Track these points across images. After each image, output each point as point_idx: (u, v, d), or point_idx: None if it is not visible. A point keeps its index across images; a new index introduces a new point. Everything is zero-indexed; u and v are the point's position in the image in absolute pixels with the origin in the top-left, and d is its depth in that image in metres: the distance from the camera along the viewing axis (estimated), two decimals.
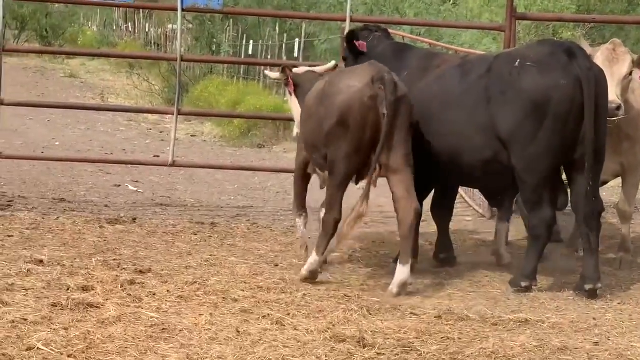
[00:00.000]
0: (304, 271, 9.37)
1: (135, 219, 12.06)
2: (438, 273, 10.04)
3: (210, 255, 10.33)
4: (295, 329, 7.80)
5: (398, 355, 7.34)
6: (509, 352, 7.47)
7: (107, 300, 8.31)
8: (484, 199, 11.34)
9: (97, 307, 8.11)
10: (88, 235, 11.03)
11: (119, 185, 14.58)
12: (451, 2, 34.62)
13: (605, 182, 10.79)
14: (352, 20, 12.05)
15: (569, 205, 9.50)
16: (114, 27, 59.70)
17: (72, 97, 29.29)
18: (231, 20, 34.75)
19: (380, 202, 12.07)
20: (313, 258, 9.37)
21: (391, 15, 29.42)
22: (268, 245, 11.09)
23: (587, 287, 9.10)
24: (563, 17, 24.43)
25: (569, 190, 9.48)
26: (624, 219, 10.64)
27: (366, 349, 7.41)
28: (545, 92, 8.97)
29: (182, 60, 13.20)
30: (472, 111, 9.32)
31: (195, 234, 11.45)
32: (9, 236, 10.70)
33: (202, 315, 8.03)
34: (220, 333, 7.59)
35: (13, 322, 7.56)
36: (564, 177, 9.55)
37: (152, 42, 48.44)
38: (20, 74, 33.28)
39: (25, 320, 7.62)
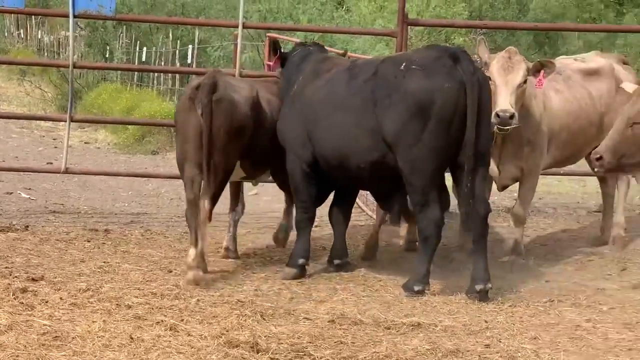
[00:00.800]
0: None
1: (27, 226, 11.94)
2: (332, 278, 10.03)
3: (104, 262, 10.24)
4: (189, 335, 7.74)
5: (292, 359, 7.34)
6: (402, 355, 7.49)
7: None
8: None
9: None
10: None
11: (11, 193, 14.39)
12: (344, 9, 34.87)
13: (505, 186, 10.89)
14: (244, 27, 12.04)
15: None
16: (5, 34, 58.95)
17: None
18: (124, 27, 34.60)
19: (274, 207, 12.09)
20: None
21: (284, 21, 29.34)
22: (162, 251, 11.03)
23: (478, 287, 9.16)
24: (454, 23, 24.78)
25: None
26: (518, 223, 10.76)
27: (260, 354, 7.39)
28: (430, 94, 9.04)
29: (74, 67, 13.07)
30: (359, 113, 9.38)
31: (89, 241, 11.34)
32: None
33: (95, 322, 7.94)
34: (114, 340, 7.51)
35: None
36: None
37: (45, 49, 47.95)
38: None
39: None
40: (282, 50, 10.65)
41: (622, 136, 8.92)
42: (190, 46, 29.72)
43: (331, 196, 10.44)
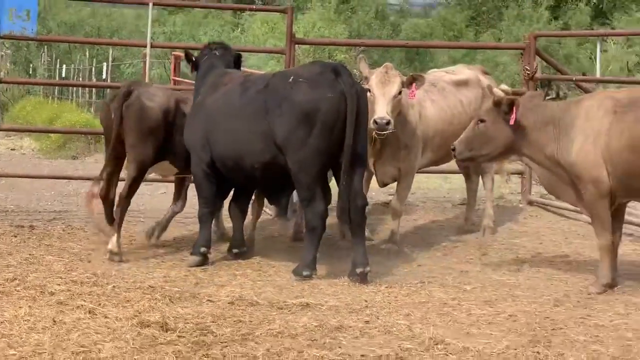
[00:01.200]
0: None
1: None
2: (231, 265, 10.01)
3: (29, 255, 10.06)
4: (105, 317, 7.67)
5: (196, 337, 7.29)
6: (293, 331, 7.51)
7: None
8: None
9: None
10: None
11: None
12: (239, 30, 34.90)
13: (385, 184, 11.04)
14: (152, 46, 11.94)
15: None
16: None
17: None
18: (46, 47, 34.21)
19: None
20: None
21: (187, 41, 29.23)
22: (81, 244, 10.89)
23: (358, 270, 9.22)
24: (335, 42, 24.90)
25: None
26: (395, 216, 10.89)
27: (168, 332, 7.36)
28: (315, 104, 9.14)
29: (0, 82, 12.92)
30: (253, 121, 9.43)
31: (15, 236, 11.15)
32: None
33: (22, 307, 7.84)
34: (38, 323, 7.43)
35: None
36: None
37: None
38: None
39: None
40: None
41: (472, 132, 9.22)
42: (104, 63, 29.50)
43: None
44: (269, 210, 12.27)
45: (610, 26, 37.41)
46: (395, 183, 10.86)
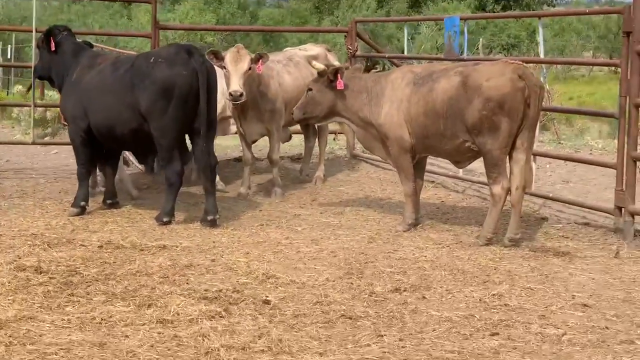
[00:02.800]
0: None
1: None
2: (105, 213, 9.49)
3: None
4: None
5: (65, 278, 6.84)
6: (149, 270, 7.12)
7: None
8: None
9: None
10: None
11: None
12: (126, 17, 33.90)
13: (254, 141, 10.76)
14: (37, 31, 11.18)
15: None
16: None
17: None
18: None
19: (68, 162, 11.43)
20: None
21: (79, 28, 28.07)
22: None
23: (209, 217, 8.87)
24: (194, 27, 24.22)
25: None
26: (273, 164, 10.68)
27: (42, 274, 6.89)
28: (172, 79, 8.79)
29: None
30: (121, 95, 9.00)
31: None
32: None
33: None
34: None
35: None
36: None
37: None
38: None
39: None
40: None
41: (305, 98, 9.16)
42: (9, 45, 28.21)
43: None
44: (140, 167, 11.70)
45: (423, 13, 37.93)
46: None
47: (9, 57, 27.83)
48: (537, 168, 12.04)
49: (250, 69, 9.73)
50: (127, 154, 11.13)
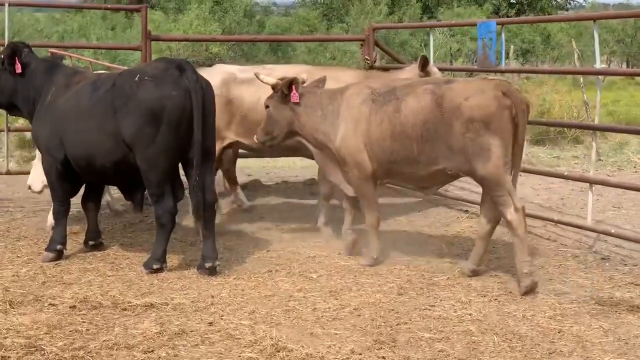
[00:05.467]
0: None
1: None
2: (86, 257, 8.09)
3: None
4: None
5: (22, 356, 5.43)
6: (131, 341, 5.74)
7: None
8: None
9: None
10: None
11: None
12: (130, 29, 32.51)
13: None
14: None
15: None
16: None
17: None
18: None
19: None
20: None
21: (78, 40, 26.69)
22: None
23: (207, 265, 7.44)
24: (188, 38, 22.64)
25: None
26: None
27: None
28: (160, 101, 7.32)
29: None
30: (102, 121, 7.54)
31: None
32: None
33: None
34: None
35: None
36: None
37: None
38: None
39: None
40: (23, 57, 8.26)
41: (267, 118, 8.03)
42: None
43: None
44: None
45: (437, 19, 36.72)
46: None
47: None
48: (580, 191, 10.67)
49: None
50: None
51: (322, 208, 9.08)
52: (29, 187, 9.14)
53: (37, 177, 9.05)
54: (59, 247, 8.02)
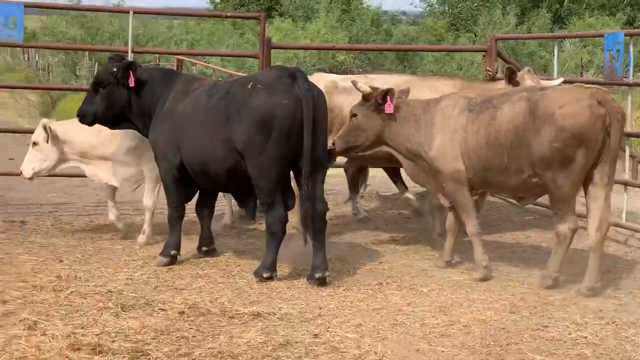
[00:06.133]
0: None
1: None
2: (198, 263, 8.16)
3: (5, 254, 8.30)
4: (43, 334, 5.90)
5: None
6: (235, 350, 5.70)
7: None
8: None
9: None
10: None
11: None
12: (257, 35, 33.02)
13: None
14: (133, 52, 10.03)
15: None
16: None
17: None
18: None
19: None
20: None
21: (206, 48, 27.11)
22: (65, 240, 9.03)
23: (317, 275, 7.40)
24: (309, 46, 22.76)
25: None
26: None
27: (100, 355, 5.53)
28: (271, 110, 7.34)
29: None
30: (215, 127, 7.61)
31: (4, 232, 9.24)
32: None
33: None
34: None
35: None
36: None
37: None
38: None
39: None
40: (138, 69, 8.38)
41: (348, 126, 7.97)
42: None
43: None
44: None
45: (567, 29, 35.93)
46: None
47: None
48: None
49: None
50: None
51: (435, 219, 8.93)
52: (21, 173, 9.16)
53: (28, 164, 9.07)
54: (173, 252, 8.11)
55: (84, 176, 9.21)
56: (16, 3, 9.68)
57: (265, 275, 7.49)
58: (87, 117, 8.42)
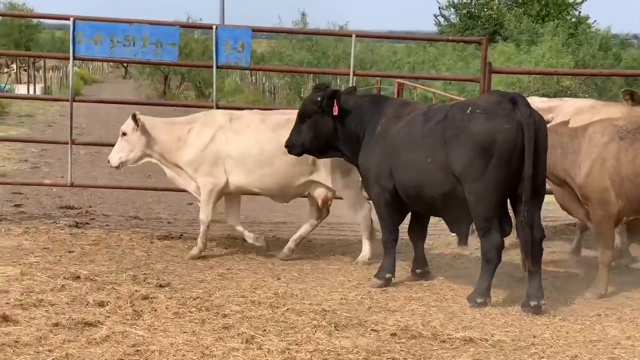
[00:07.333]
0: None
1: (182, 235, 10.26)
2: (412, 286, 8.20)
3: (227, 269, 8.69)
4: (259, 349, 6.09)
5: None
6: None
7: (107, 318, 6.65)
8: None
9: (93, 325, 6.45)
10: (137, 250, 9.39)
11: (191, 204, 12.55)
12: (478, 59, 32.89)
13: None
14: (354, 74, 10.23)
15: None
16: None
17: None
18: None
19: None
20: None
21: (429, 71, 27.23)
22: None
23: (532, 303, 7.29)
24: (531, 71, 22.31)
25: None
26: None
27: None
28: (492, 135, 7.30)
29: None
30: (432, 151, 7.63)
31: (226, 248, 9.62)
32: (70, 252, 9.08)
33: (185, 333, 6.39)
34: (188, 354, 5.93)
35: (3, 344, 5.93)
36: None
37: None
38: None
39: (17, 342, 5.99)
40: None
41: None
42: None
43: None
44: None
45: None
46: None
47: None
48: None
49: None
50: None
51: (577, 237, 9.25)
52: (108, 161, 9.30)
53: (116, 153, 9.22)
54: (387, 275, 8.18)
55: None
56: (244, 28, 10.08)
57: (479, 300, 7.44)
58: (295, 148, 8.59)
